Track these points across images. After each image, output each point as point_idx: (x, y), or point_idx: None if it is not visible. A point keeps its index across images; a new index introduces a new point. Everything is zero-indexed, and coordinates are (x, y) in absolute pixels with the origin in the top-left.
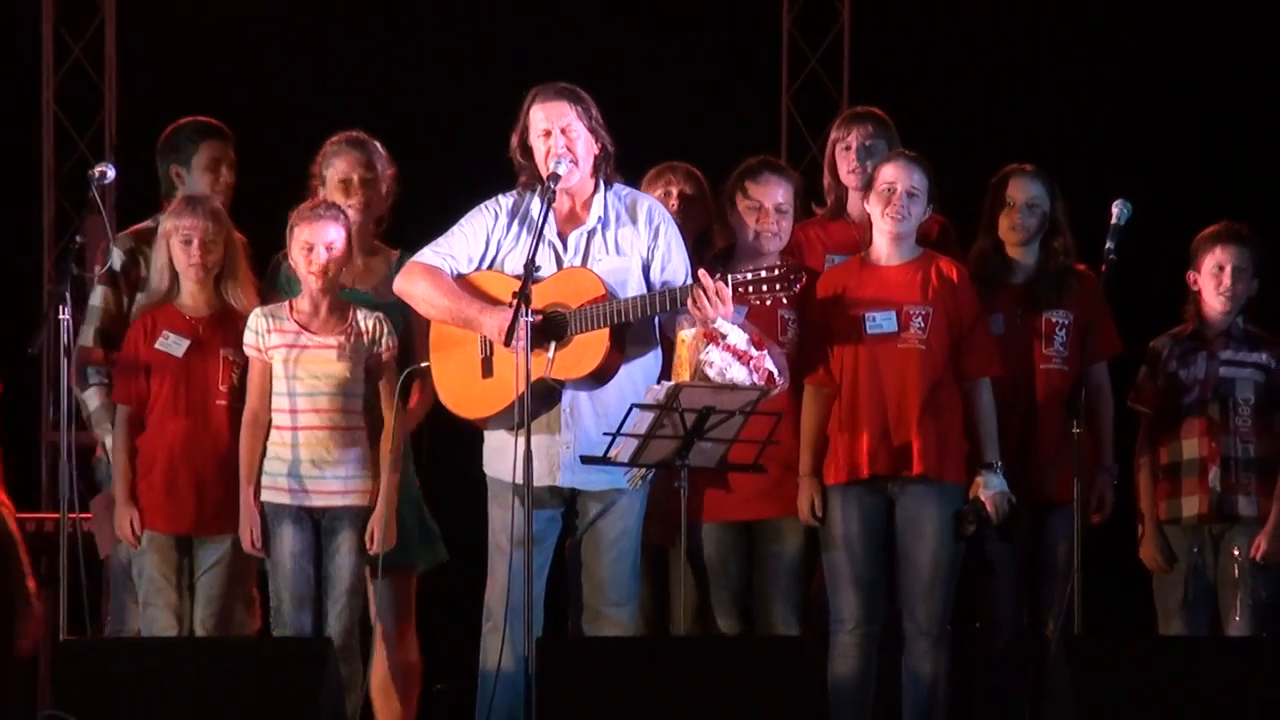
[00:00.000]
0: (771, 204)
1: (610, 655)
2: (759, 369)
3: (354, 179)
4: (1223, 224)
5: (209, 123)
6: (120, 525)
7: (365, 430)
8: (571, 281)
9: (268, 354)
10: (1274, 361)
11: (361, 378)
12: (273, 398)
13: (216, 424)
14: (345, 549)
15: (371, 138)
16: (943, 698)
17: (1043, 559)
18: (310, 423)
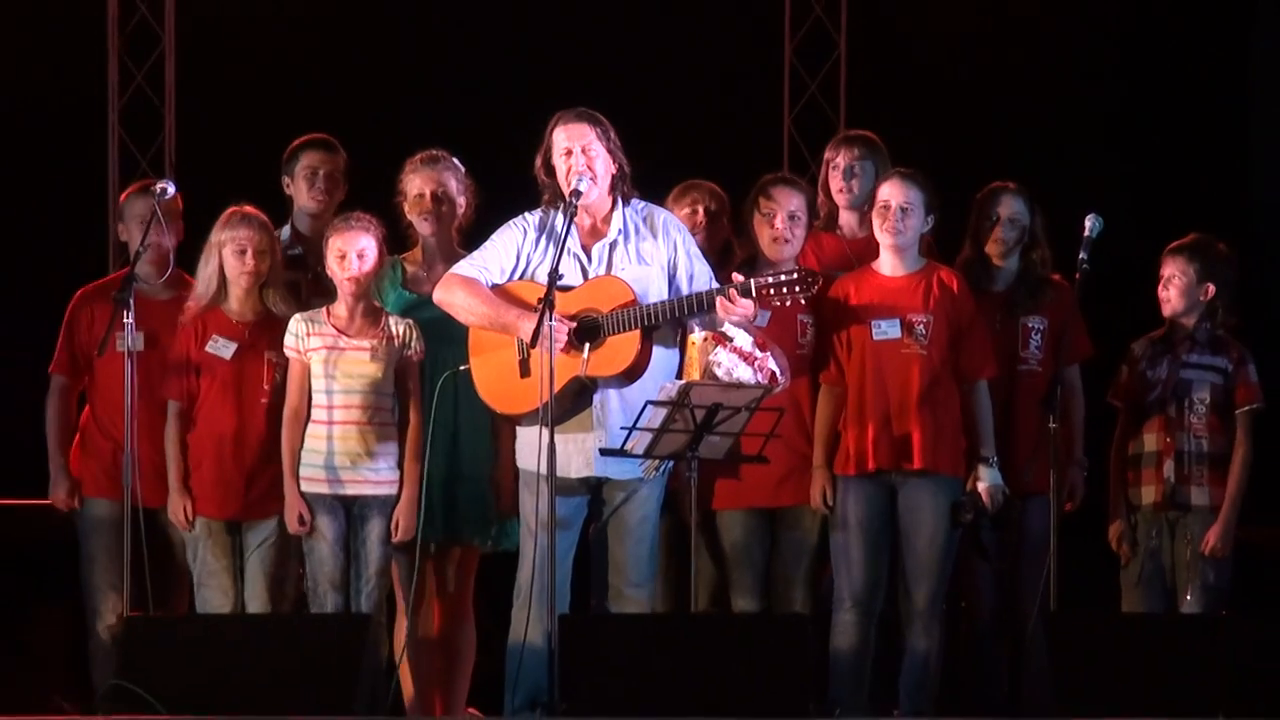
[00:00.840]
0: (785, 212)
1: (629, 631)
2: (763, 369)
3: (427, 194)
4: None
5: (313, 137)
6: (174, 512)
7: (395, 426)
8: (602, 288)
9: (307, 355)
10: (1232, 365)
11: (392, 378)
12: (311, 395)
13: (261, 419)
14: (374, 535)
15: (449, 155)
16: (935, 670)
17: (1020, 544)
18: (345, 419)
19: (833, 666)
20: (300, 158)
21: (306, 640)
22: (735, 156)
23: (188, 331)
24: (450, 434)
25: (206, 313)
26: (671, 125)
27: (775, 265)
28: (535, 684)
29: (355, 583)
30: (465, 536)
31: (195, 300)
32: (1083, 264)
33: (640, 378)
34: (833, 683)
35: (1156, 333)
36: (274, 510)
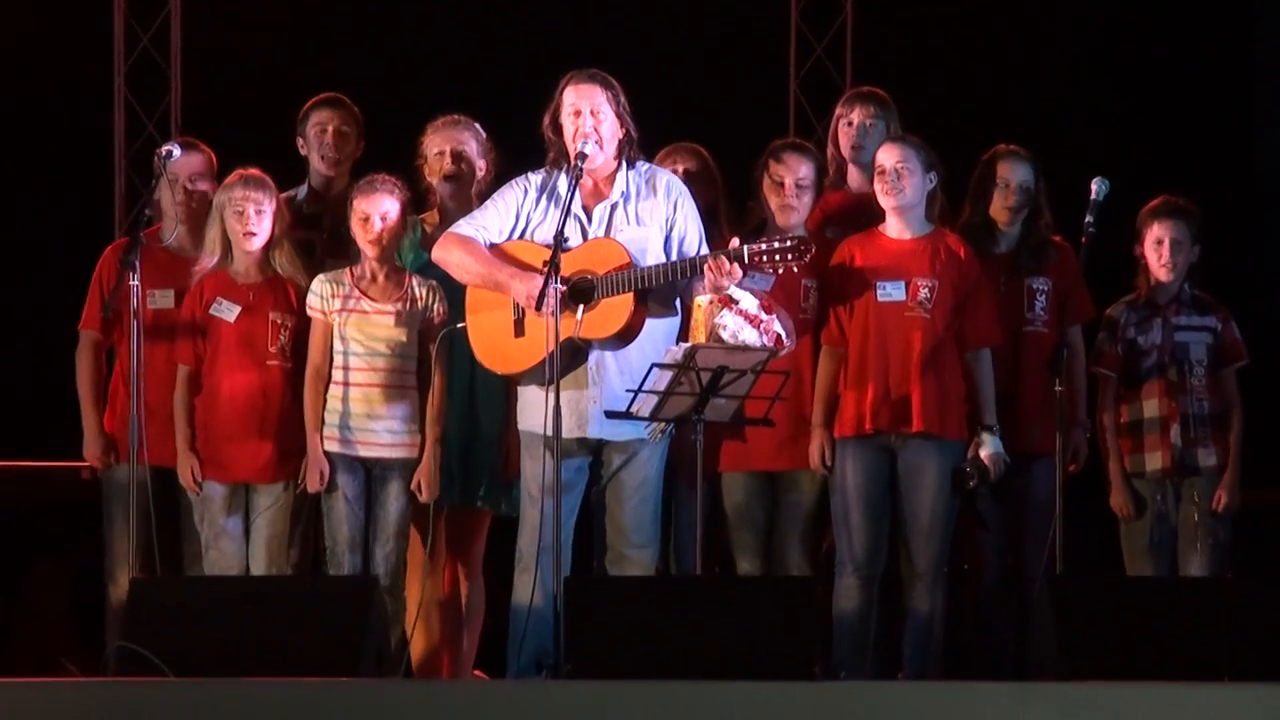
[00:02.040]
0: (792, 179)
1: (632, 593)
2: (768, 331)
3: (447, 153)
4: (1161, 199)
5: (325, 95)
6: (182, 474)
7: (416, 389)
8: (598, 250)
9: (330, 316)
10: (1220, 324)
11: (415, 340)
12: (333, 356)
13: (267, 382)
14: (394, 496)
15: (470, 119)
16: (938, 634)
17: (1025, 506)
18: (366, 380)
19: (836, 629)
20: (310, 116)
21: (313, 602)
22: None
23: (193, 294)
24: (467, 394)
25: (212, 275)
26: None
27: (783, 230)
28: (539, 647)
29: (373, 544)
30: (477, 499)
31: (201, 263)
32: (1089, 227)
33: (634, 340)
34: (836, 646)
35: (1134, 297)
36: (282, 474)
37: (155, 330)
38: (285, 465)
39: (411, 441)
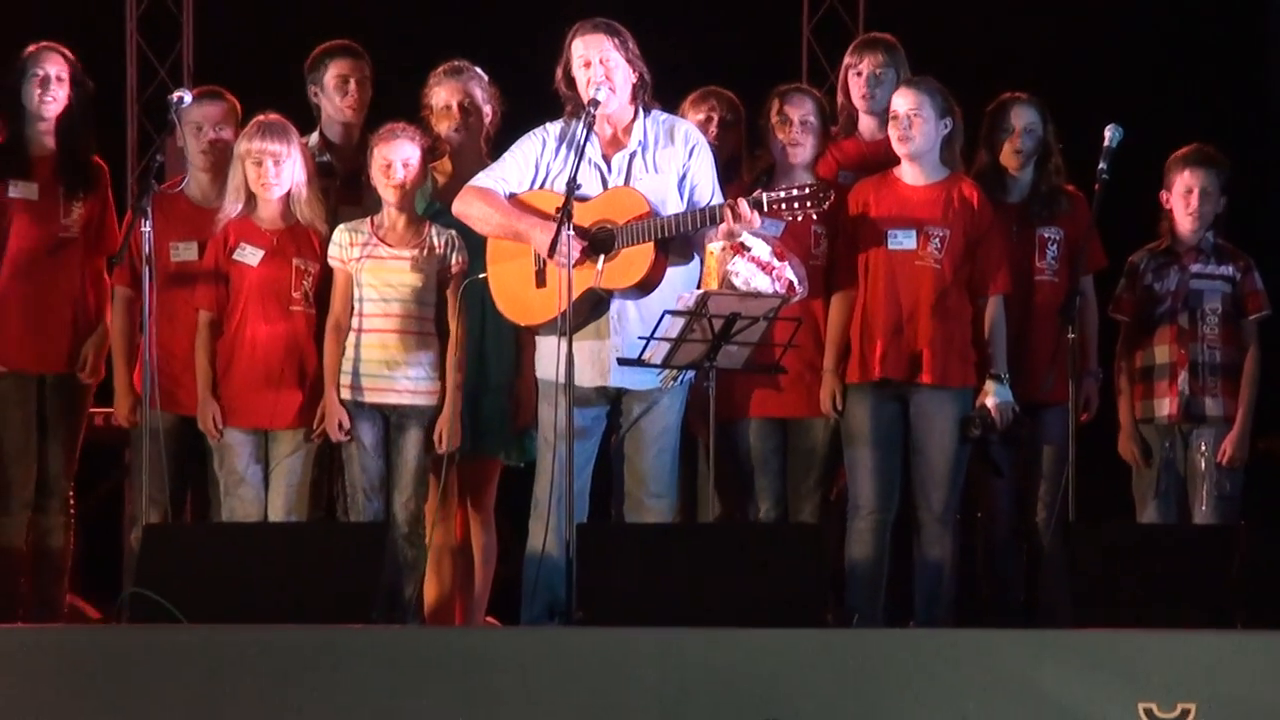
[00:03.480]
0: (798, 118)
1: (646, 540)
2: (780, 278)
3: (454, 105)
4: (1193, 147)
5: (339, 44)
6: (203, 421)
7: (435, 337)
8: (618, 200)
9: (349, 265)
10: (1239, 274)
11: (433, 289)
12: (353, 304)
13: (290, 328)
14: (412, 444)
15: (472, 65)
16: (950, 579)
17: (1037, 454)
18: (385, 328)
19: (849, 575)
20: (329, 65)
21: (326, 549)
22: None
23: (216, 241)
24: (478, 344)
25: (235, 222)
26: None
27: (791, 171)
28: (552, 593)
29: (392, 491)
30: (488, 448)
31: (224, 210)
32: (1102, 174)
33: (655, 289)
34: (849, 591)
35: (1156, 244)
36: (302, 422)
37: (179, 280)
38: (306, 413)
39: (430, 389)
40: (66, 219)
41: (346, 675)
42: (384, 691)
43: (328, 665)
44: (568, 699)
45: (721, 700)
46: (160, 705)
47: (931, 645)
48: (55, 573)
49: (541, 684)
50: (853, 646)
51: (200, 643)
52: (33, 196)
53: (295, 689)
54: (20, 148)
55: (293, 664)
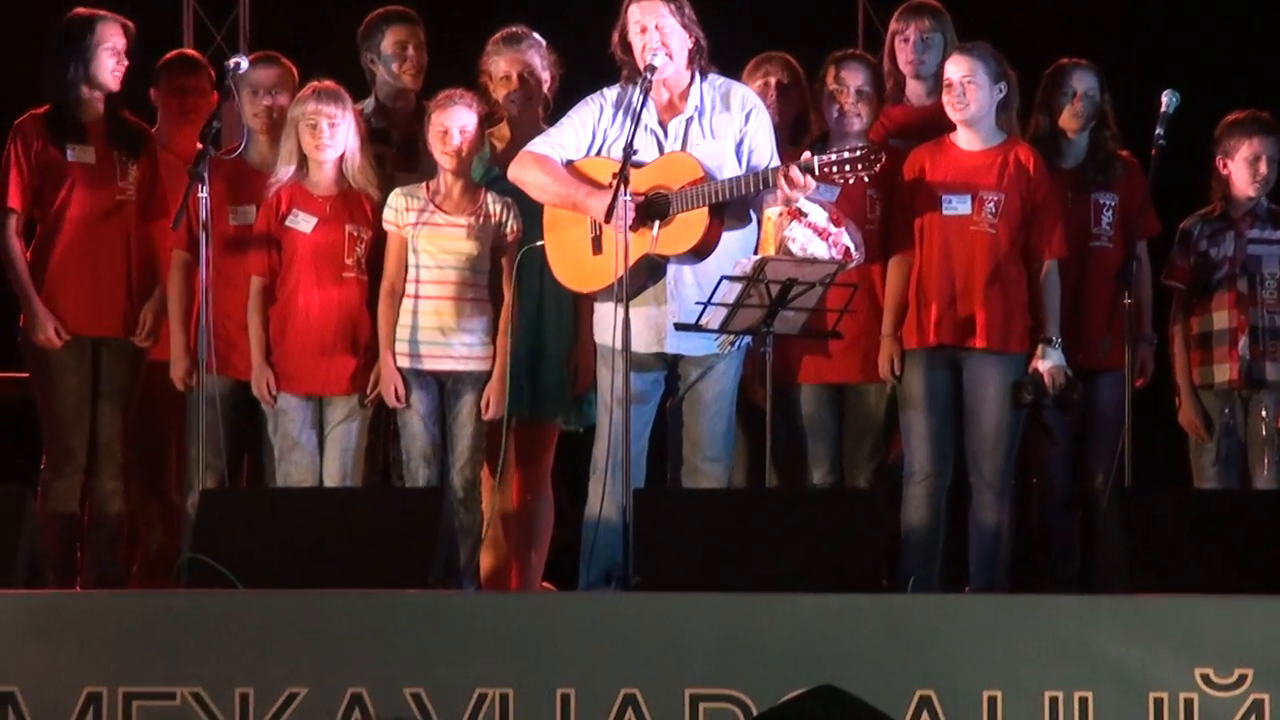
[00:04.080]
0: (853, 86)
1: (703, 505)
2: (837, 244)
3: (514, 76)
4: (1248, 113)
5: (395, 10)
6: (257, 386)
7: (489, 303)
8: (673, 165)
9: (405, 230)
10: None
11: (487, 255)
12: (408, 270)
13: (343, 294)
14: (467, 410)
15: (530, 31)
16: (1005, 546)
17: (1093, 420)
18: (438, 293)
19: (905, 540)
20: (385, 33)
21: (383, 514)
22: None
23: (269, 205)
24: (535, 310)
25: (288, 188)
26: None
27: (845, 139)
28: (610, 558)
29: (448, 457)
30: (546, 412)
31: (277, 175)
32: (1159, 140)
33: (710, 254)
34: (904, 557)
35: (1209, 210)
36: (356, 387)
37: (238, 245)
38: (360, 379)
39: (484, 355)
40: (123, 181)
41: (402, 641)
42: (439, 657)
43: (384, 631)
44: (624, 664)
45: (778, 665)
46: (216, 670)
47: (987, 610)
48: (111, 538)
49: (598, 649)
50: (908, 611)
51: (256, 607)
52: (90, 160)
53: (351, 654)
54: (74, 113)
55: (349, 629)
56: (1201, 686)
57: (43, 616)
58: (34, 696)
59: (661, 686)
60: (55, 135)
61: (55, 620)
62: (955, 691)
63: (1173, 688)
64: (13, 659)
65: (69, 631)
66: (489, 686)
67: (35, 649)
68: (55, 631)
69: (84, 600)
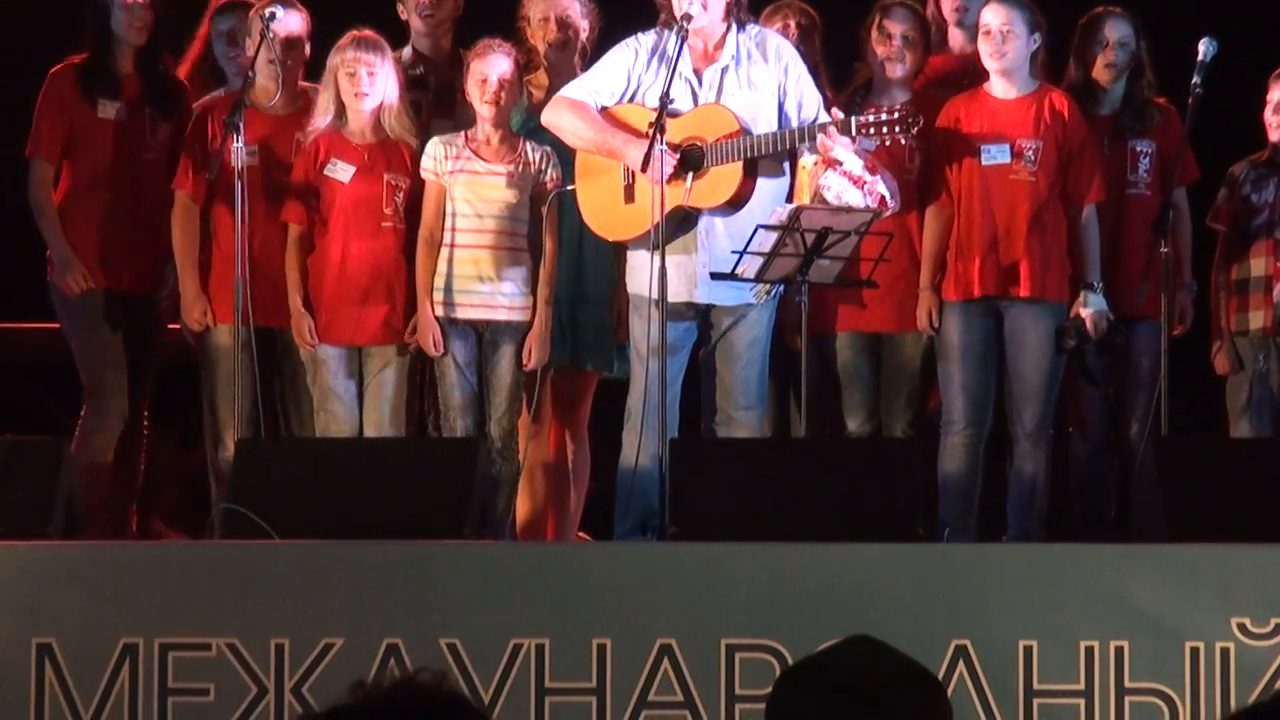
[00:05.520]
0: (899, 34)
1: (737, 454)
2: (872, 193)
3: (551, 19)
4: None
5: None
6: (298, 332)
7: (527, 253)
8: (709, 117)
9: (443, 178)
10: None
11: (526, 204)
12: (446, 219)
13: (382, 243)
14: (506, 359)
15: None
16: (1042, 495)
17: (1129, 368)
18: (479, 243)
19: (941, 490)
20: None
21: (418, 464)
22: None
23: (306, 154)
24: (575, 257)
25: (326, 136)
26: None
27: (889, 87)
28: (646, 507)
29: (486, 407)
30: (586, 361)
31: (314, 124)
32: (1195, 88)
33: (744, 207)
34: (941, 506)
35: (1258, 155)
36: (394, 337)
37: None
38: (398, 328)
39: (524, 304)
40: (151, 139)
41: (438, 591)
42: (475, 607)
43: (420, 581)
44: (660, 614)
45: (815, 614)
46: (251, 621)
47: (1024, 559)
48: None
49: (634, 599)
50: (944, 561)
51: (291, 558)
52: (119, 116)
53: (387, 604)
54: (107, 67)
55: (384, 580)
56: (1238, 635)
57: (80, 567)
58: (71, 647)
59: (698, 636)
60: (86, 88)
61: (92, 571)
62: (991, 641)
63: (1209, 637)
64: (50, 610)
65: (106, 582)
66: (525, 637)
67: (72, 600)
68: (92, 582)
69: (121, 551)
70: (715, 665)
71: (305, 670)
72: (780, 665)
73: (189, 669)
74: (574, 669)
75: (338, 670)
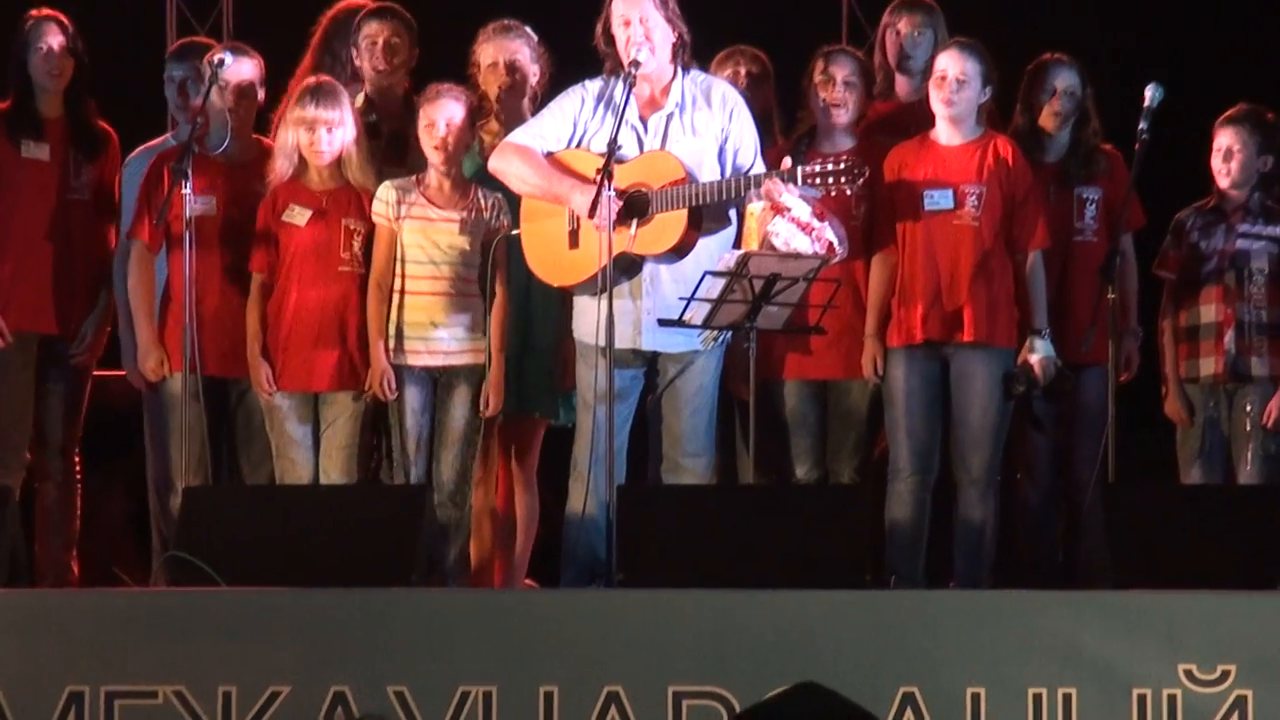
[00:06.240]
0: (841, 79)
1: (684, 501)
2: (820, 239)
3: (501, 64)
4: (1237, 107)
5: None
6: (255, 380)
7: (478, 298)
8: (654, 164)
9: (396, 224)
10: None
11: (478, 249)
12: (398, 264)
13: (338, 288)
14: (459, 403)
15: (522, 24)
16: (990, 541)
17: (1077, 414)
18: (429, 288)
19: (889, 536)
20: (361, 27)
21: (366, 510)
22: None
23: (266, 203)
24: (522, 304)
25: (285, 185)
26: None
27: (833, 132)
28: (592, 556)
29: (439, 451)
30: (534, 407)
31: (274, 174)
32: (1142, 134)
33: (688, 254)
34: (889, 552)
35: (1204, 203)
36: (352, 384)
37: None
38: (355, 375)
39: (475, 348)
40: (76, 181)
41: (385, 638)
42: (423, 655)
43: (367, 628)
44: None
45: (762, 661)
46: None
47: (971, 606)
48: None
49: (581, 646)
50: (892, 608)
51: (239, 605)
52: (44, 157)
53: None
54: (31, 111)
55: (332, 627)
56: (1185, 683)
57: (24, 615)
58: (16, 695)
59: (645, 683)
60: (10, 131)
61: (36, 619)
62: (939, 688)
63: (1156, 684)
64: None
65: (51, 630)
66: (472, 684)
67: (17, 648)
68: (37, 630)
69: (66, 599)
70: (662, 712)
71: (252, 718)
72: (728, 712)
73: (135, 716)
74: (521, 716)
75: (284, 718)
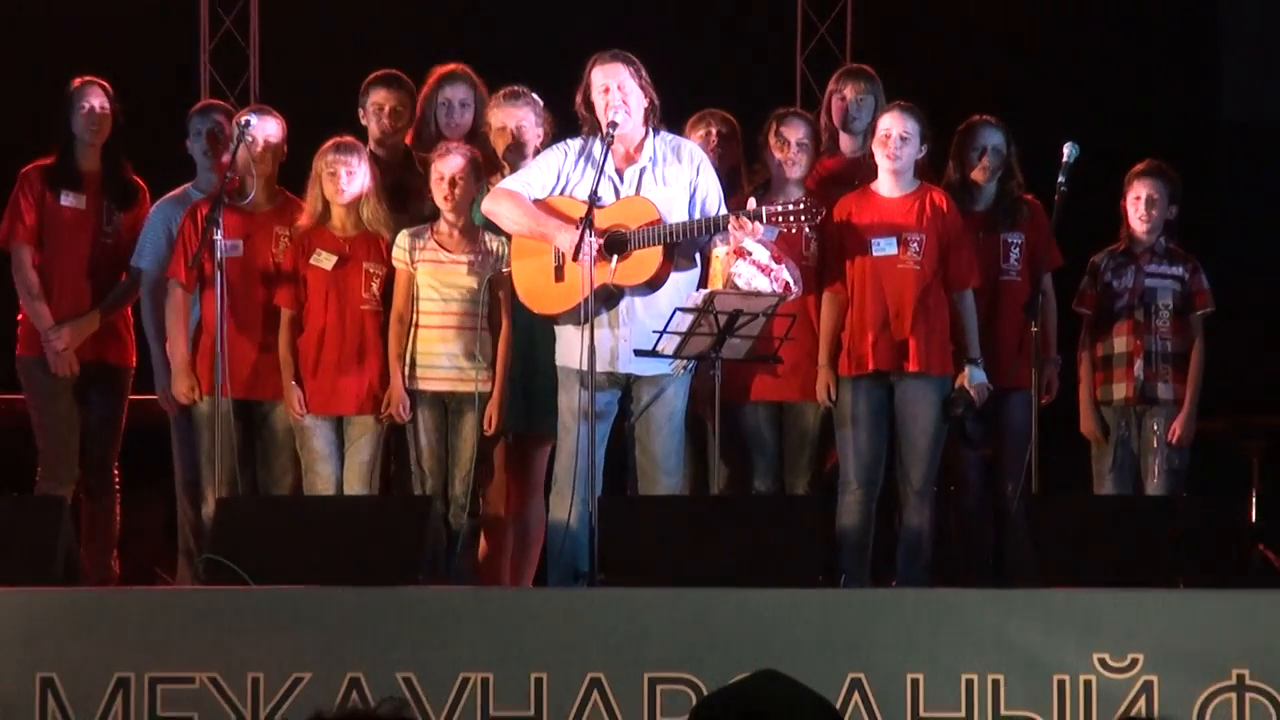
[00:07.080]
0: (794, 140)
1: (658, 510)
2: (778, 279)
3: (508, 127)
4: (1146, 161)
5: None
6: (289, 403)
7: (487, 331)
8: (633, 207)
9: (412, 267)
10: (1188, 274)
11: (485, 287)
12: (414, 303)
13: (362, 324)
14: (468, 426)
15: (529, 91)
16: (928, 546)
17: (1004, 433)
18: (444, 324)
19: (839, 541)
20: (369, 94)
21: (377, 519)
22: (753, 92)
23: (295, 246)
24: (527, 333)
25: (312, 230)
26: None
27: (785, 185)
28: (575, 561)
29: (451, 468)
30: (540, 425)
31: (302, 221)
32: (1061, 187)
33: (661, 287)
34: (839, 556)
35: (1116, 246)
36: (372, 407)
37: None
38: (376, 399)
39: (485, 377)
40: (108, 227)
41: (395, 631)
42: (429, 644)
43: (378, 622)
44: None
45: (726, 651)
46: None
47: (911, 602)
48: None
49: (568, 638)
50: (842, 604)
51: (266, 602)
52: (81, 206)
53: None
54: (71, 165)
55: (348, 621)
56: (1099, 669)
57: (78, 610)
58: (70, 680)
59: (623, 671)
60: (52, 183)
61: (90, 614)
62: (882, 674)
63: (1074, 670)
64: (52, 648)
65: (102, 624)
66: (471, 671)
67: (71, 638)
68: (90, 624)
69: (115, 596)
70: (639, 696)
71: (278, 700)
72: (696, 696)
73: (175, 699)
74: (514, 699)
75: (306, 700)
